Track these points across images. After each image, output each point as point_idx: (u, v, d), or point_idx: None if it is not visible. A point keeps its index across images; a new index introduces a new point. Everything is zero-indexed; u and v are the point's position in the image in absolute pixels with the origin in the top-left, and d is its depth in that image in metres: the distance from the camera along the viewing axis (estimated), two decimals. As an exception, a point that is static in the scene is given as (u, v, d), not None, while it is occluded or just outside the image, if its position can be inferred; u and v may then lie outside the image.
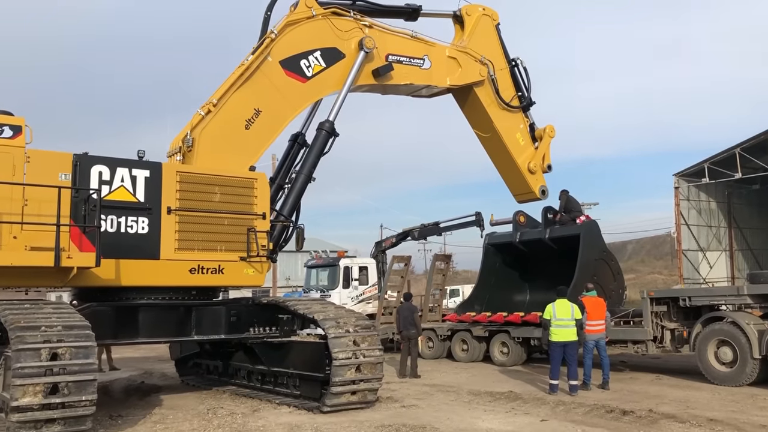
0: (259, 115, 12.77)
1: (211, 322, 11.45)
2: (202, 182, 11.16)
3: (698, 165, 30.98)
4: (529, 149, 17.45)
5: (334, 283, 21.73)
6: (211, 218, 11.13)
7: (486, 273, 18.66)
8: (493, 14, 17.23)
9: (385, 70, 14.50)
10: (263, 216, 11.61)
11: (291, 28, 13.37)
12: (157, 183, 10.70)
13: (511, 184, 17.73)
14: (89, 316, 10.07)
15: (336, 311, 11.04)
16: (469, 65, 16.20)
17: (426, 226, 22.16)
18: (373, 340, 10.61)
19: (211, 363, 13.96)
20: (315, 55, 13.57)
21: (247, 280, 11.47)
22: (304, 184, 13.27)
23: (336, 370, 10.04)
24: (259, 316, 11.86)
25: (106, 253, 10.01)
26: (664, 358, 16.57)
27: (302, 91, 13.38)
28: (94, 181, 10.14)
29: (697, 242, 32.45)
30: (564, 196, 17.49)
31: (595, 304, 12.92)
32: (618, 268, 17.19)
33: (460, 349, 18.01)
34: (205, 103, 12.54)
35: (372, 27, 14.54)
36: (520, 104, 17.25)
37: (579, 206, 17.65)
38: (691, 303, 13.48)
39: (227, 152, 12.12)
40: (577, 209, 17.59)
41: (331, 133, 13.63)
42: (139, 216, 10.49)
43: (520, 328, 16.47)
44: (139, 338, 10.99)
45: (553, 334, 12.01)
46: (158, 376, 16.13)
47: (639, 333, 14.18)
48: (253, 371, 12.48)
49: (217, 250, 11.15)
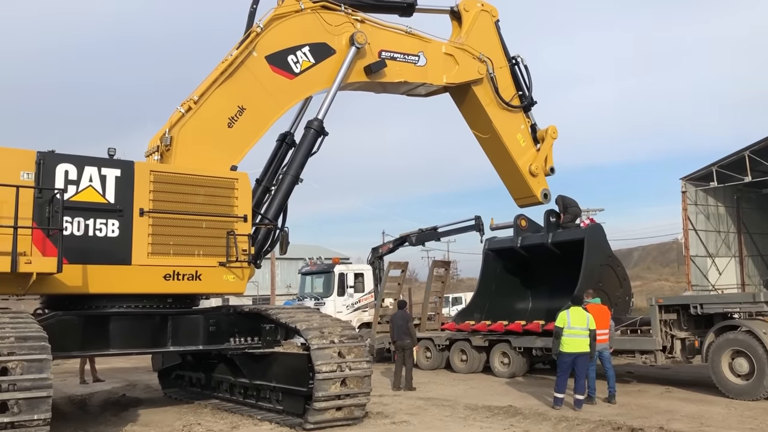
0: (243, 112, 12.08)
1: (188, 332, 10.70)
2: (178, 182, 10.44)
3: (706, 168, 30.20)
4: (531, 151, 16.75)
5: (329, 290, 20.94)
6: (187, 221, 10.39)
7: (486, 280, 17.89)
8: (493, 10, 16.56)
9: (377, 67, 13.81)
10: (244, 218, 10.88)
11: (278, 22, 12.70)
12: (128, 183, 9.98)
13: (512, 187, 17.02)
14: (54, 326, 9.46)
15: (321, 320, 10.28)
16: (467, 62, 15.51)
17: (424, 231, 21.42)
18: (360, 352, 9.83)
19: (193, 375, 13.23)
20: (303, 51, 12.90)
21: (226, 287, 10.73)
22: (291, 186, 12.56)
23: (319, 384, 9.28)
24: (241, 325, 11.10)
25: (73, 258, 9.32)
26: (674, 369, 15.73)
27: (289, 88, 12.69)
28: (60, 181, 9.43)
29: (706, 248, 31.64)
30: (560, 199, 16.78)
31: (599, 312, 12.09)
32: (624, 274, 16.40)
33: (459, 359, 17.22)
34: (186, 99, 11.87)
35: (364, 22, 13.86)
36: (520, 104, 16.57)
37: (576, 203, 16.86)
38: (702, 311, 12.64)
39: (208, 151, 11.41)
40: (574, 205, 16.81)
41: (320, 132, 12.94)
42: (109, 218, 9.76)
43: (521, 337, 15.69)
44: (110, 349, 10.23)
45: (565, 344, 11.12)
46: (142, 388, 15.40)
47: (647, 342, 13.37)
48: (235, 384, 11.74)
49: (194, 255, 10.42)
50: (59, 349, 9.48)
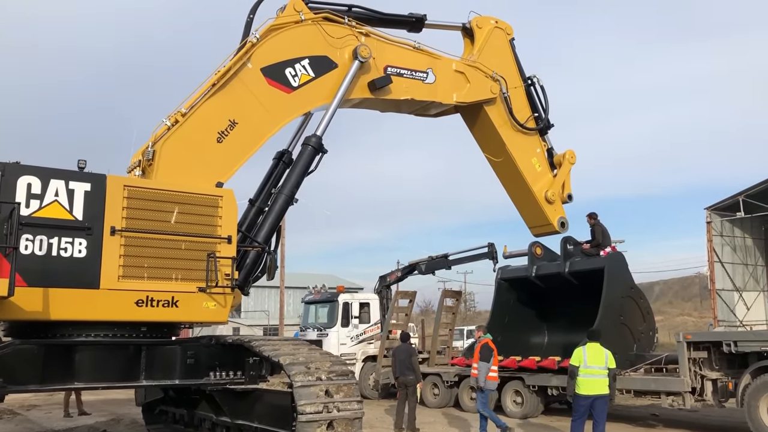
0: (235, 127, 11.22)
1: (164, 365, 9.62)
2: (155, 199, 9.48)
3: (732, 198, 28.86)
4: (547, 176, 15.75)
5: (333, 320, 19.82)
6: (164, 241, 9.40)
7: (498, 311, 16.73)
8: (507, 28, 15.72)
9: (382, 83, 12.96)
10: (228, 239, 9.88)
11: (276, 32, 11.90)
12: (99, 198, 9.04)
13: (527, 215, 15.99)
14: (9, 357, 8.54)
15: (308, 354, 9.22)
16: (479, 81, 14.62)
17: (434, 258, 20.31)
18: (351, 390, 8.74)
19: (177, 411, 12.17)
20: (302, 64, 12.08)
21: (206, 316, 9.70)
22: (285, 206, 11.64)
23: (302, 426, 8.19)
24: (222, 358, 10.02)
25: (32, 281, 8.36)
26: (703, 412, 14.36)
27: (286, 103, 11.85)
28: (21, 195, 8.52)
29: (732, 281, 30.15)
30: (592, 220, 15.60)
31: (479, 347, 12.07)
32: (648, 307, 15.21)
33: (469, 397, 16.01)
34: (173, 112, 11.04)
35: (369, 35, 13.05)
36: (536, 126, 15.62)
37: (608, 236, 15.65)
38: (737, 349, 11.42)
39: (193, 167, 10.52)
40: (608, 236, 15.58)
41: (318, 149, 12.06)
42: (76, 237, 8.80)
43: (536, 375, 14.53)
44: (74, 382, 9.19)
45: (581, 386, 9.89)
46: (127, 423, 14.41)
47: (674, 383, 12.17)
48: (217, 423, 10.66)
49: (171, 279, 9.41)
50: (15, 382, 8.60)
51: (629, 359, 13.51)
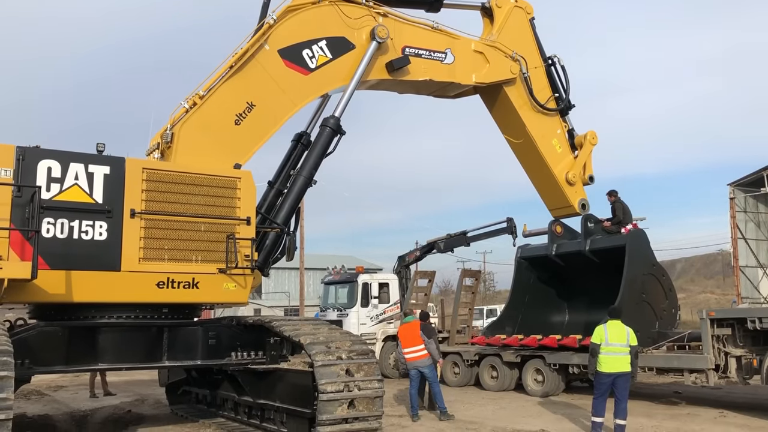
0: (253, 109, 11.24)
1: (185, 346, 9.76)
2: (174, 181, 9.55)
3: (756, 173, 28.33)
4: (568, 158, 15.59)
5: (352, 301, 19.86)
6: (184, 223, 9.49)
7: (518, 290, 16.64)
8: (528, 7, 15.48)
9: (400, 64, 12.87)
10: (247, 221, 9.93)
11: (293, 14, 11.86)
12: (119, 181, 9.13)
13: (547, 196, 15.88)
14: (34, 339, 8.65)
15: (329, 334, 9.26)
16: (499, 61, 14.45)
17: (452, 236, 20.18)
18: (371, 369, 8.77)
19: (199, 391, 12.31)
20: (320, 45, 12.02)
21: (226, 297, 9.77)
22: (304, 187, 11.66)
23: (323, 405, 8.25)
24: (243, 338, 10.12)
25: (55, 264, 8.51)
26: (727, 389, 14.28)
27: (304, 85, 11.82)
28: (42, 178, 8.62)
29: (756, 258, 29.66)
30: (613, 197, 15.35)
31: (410, 330, 12.26)
32: (670, 285, 15.00)
33: (489, 376, 16.00)
34: (191, 94, 11.06)
35: (387, 16, 12.95)
36: (557, 107, 15.43)
37: (629, 213, 15.39)
38: (762, 325, 11.26)
39: (212, 149, 10.57)
40: (625, 214, 15.32)
41: (336, 130, 12.04)
42: (96, 220, 8.90)
43: (556, 353, 14.43)
44: (98, 364, 9.34)
45: (602, 363, 9.82)
46: (151, 403, 14.55)
47: (698, 360, 12.04)
48: (239, 403, 10.78)
49: (192, 260, 9.50)
50: (40, 363, 8.75)
51: (651, 337, 13.39)
